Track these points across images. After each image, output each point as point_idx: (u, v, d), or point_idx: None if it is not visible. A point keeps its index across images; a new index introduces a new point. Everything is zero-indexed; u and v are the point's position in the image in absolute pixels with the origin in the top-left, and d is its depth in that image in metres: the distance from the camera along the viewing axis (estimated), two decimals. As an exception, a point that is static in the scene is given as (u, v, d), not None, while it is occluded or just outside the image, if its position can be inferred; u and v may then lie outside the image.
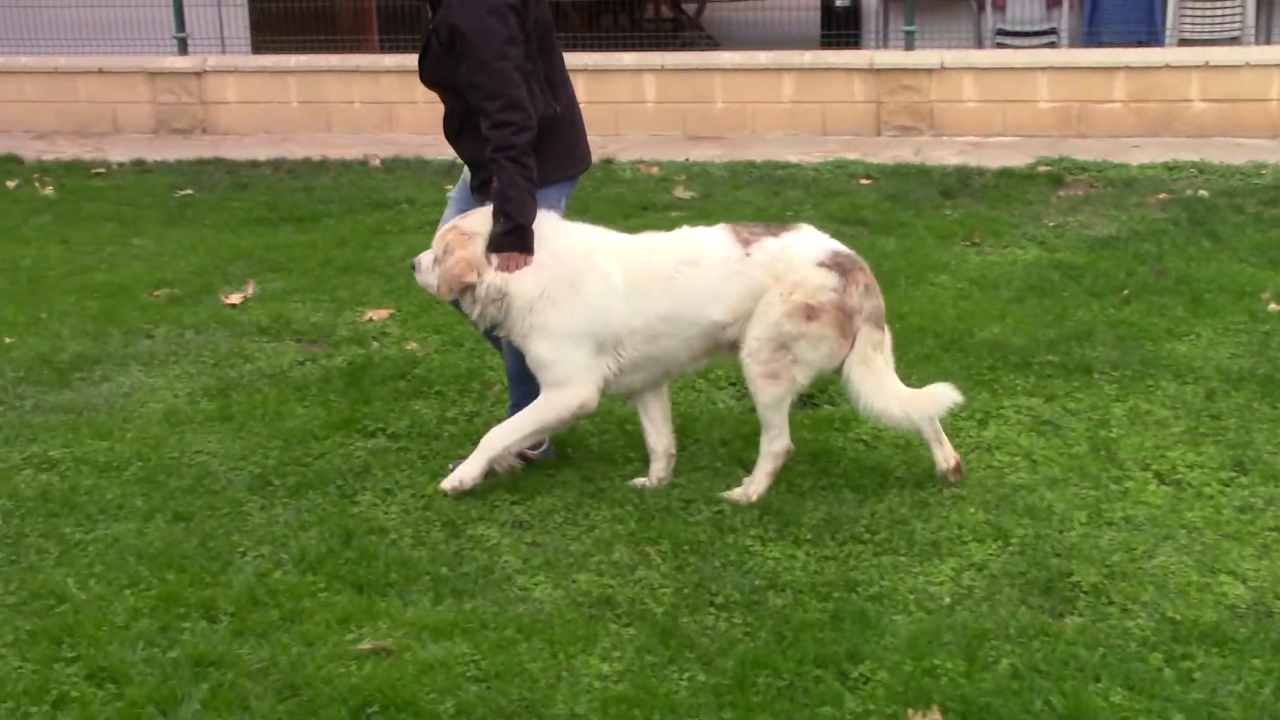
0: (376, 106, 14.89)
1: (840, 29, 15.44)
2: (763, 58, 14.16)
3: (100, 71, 15.45)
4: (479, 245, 5.51)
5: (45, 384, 7.05)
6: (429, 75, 5.86)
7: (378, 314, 8.05)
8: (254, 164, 13.06)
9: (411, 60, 14.45)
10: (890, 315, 7.51)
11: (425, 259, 5.73)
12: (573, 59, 14.16)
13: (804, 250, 5.53)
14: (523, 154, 5.41)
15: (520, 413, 5.70)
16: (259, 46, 16.21)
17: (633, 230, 5.90)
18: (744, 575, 4.93)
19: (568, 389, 5.54)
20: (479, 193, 5.81)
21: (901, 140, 13.34)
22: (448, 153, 12.90)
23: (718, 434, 6.20)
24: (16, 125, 15.30)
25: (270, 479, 5.83)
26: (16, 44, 15.77)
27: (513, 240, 5.47)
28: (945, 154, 12.53)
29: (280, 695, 4.25)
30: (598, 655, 4.46)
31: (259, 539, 5.28)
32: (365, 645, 4.50)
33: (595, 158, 6.31)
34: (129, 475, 5.90)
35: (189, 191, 11.93)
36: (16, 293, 8.77)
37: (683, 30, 19.62)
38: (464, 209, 5.87)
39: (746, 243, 5.51)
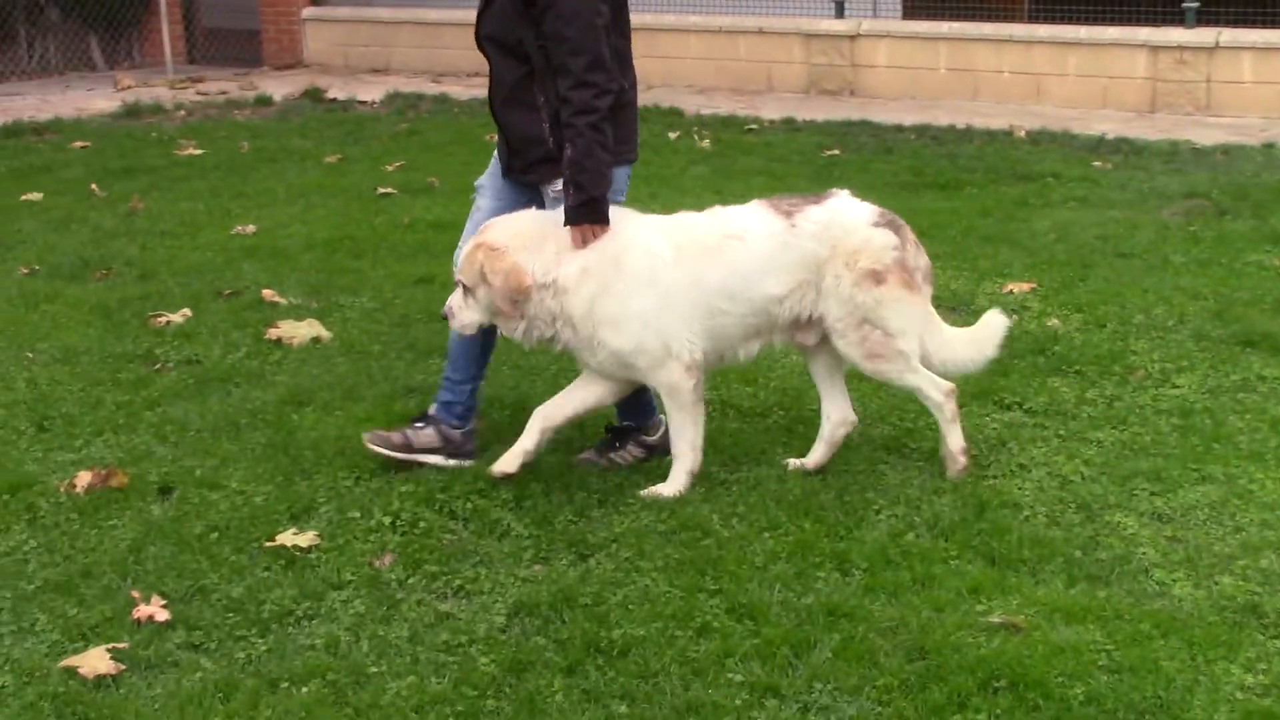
0: (1025, 77, 14.64)
1: None
2: None
3: (760, 32, 15.98)
4: (514, 255, 5.18)
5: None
6: (488, 31, 5.44)
7: (1019, 287, 7.92)
8: (899, 128, 13.15)
9: (1068, 32, 14.40)
10: None
11: (455, 300, 5.38)
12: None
13: (855, 214, 5.38)
14: (603, 120, 5.13)
15: (670, 417, 5.42)
16: (909, 12, 16.28)
17: None
18: None
19: (667, 366, 5.28)
20: (522, 174, 5.49)
21: None
22: (1096, 127, 12.75)
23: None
24: (680, 80, 16.06)
25: (905, 441, 5.88)
26: (686, 5, 16.51)
27: (587, 213, 5.18)
28: None
29: (909, 656, 4.27)
30: (1240, 665, 4.21)
31: (893, 499, 5.33)
32: (995, 619, 4.45)
33: None
34: (770, 423, 6.10)
35: (836, 152, 12.14)
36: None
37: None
38: (498, 198, 5.59)
39: (788, 214, 5.32)
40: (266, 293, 8.10)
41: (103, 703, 4.13)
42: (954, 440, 5.49)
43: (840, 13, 15.77)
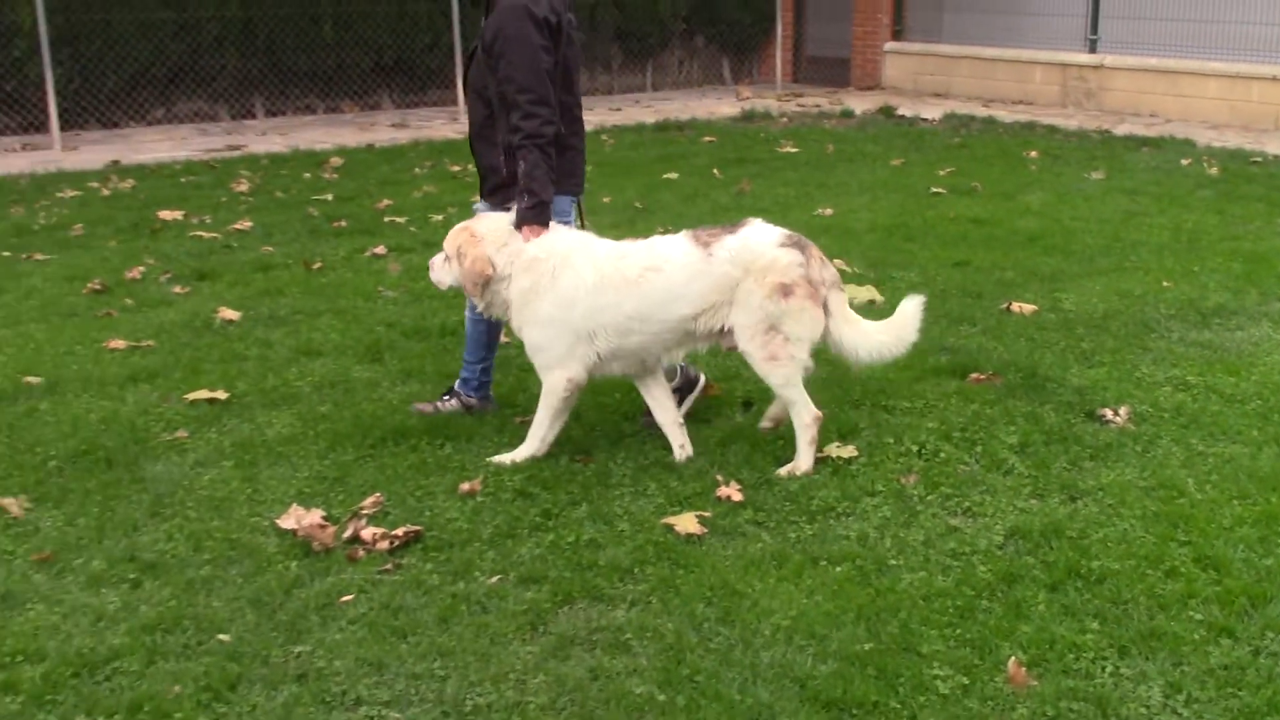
0: None
1: None
2: None
3: (1274, 79, 14.58)
4: (487, 247, 5.05)
5: (1189, 323, 6.87)
6: (469, 82, 5.35)
7: None
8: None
9: None
10: None
11: (436, 260, 5.31)
12: None
13: (763, 238, 4.97)
14: (548, 143, 5.01)
15: (538, 408, 5.16)
16: None
17: None
18: None
19: (554, 373, 5.08)
20: (487, 199, 5.38)
21: None
22: None
23: None
24: (1195, 117, 14.92)
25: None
26: (1208, 53, 15.30)
27: (534, 215, 5.03)
28: None
29: (1357, 623, 3.86)
30: None
31: (1355, 487, 4.80)
32: None
33: None
34: (1249, 409, 5.60)
35: (1332, 185, 10.96)
36: (1176, 248, 8.60)
37: None
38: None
39: (706, 244, 4.97)
40: (836, 261, 8.13)
41: (689, 554, 4.33)
42: (803, 462, 5.02)
43: (1351, 65, 14.20)
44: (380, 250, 8.77)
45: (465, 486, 4.84)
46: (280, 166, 12.41)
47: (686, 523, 4.52)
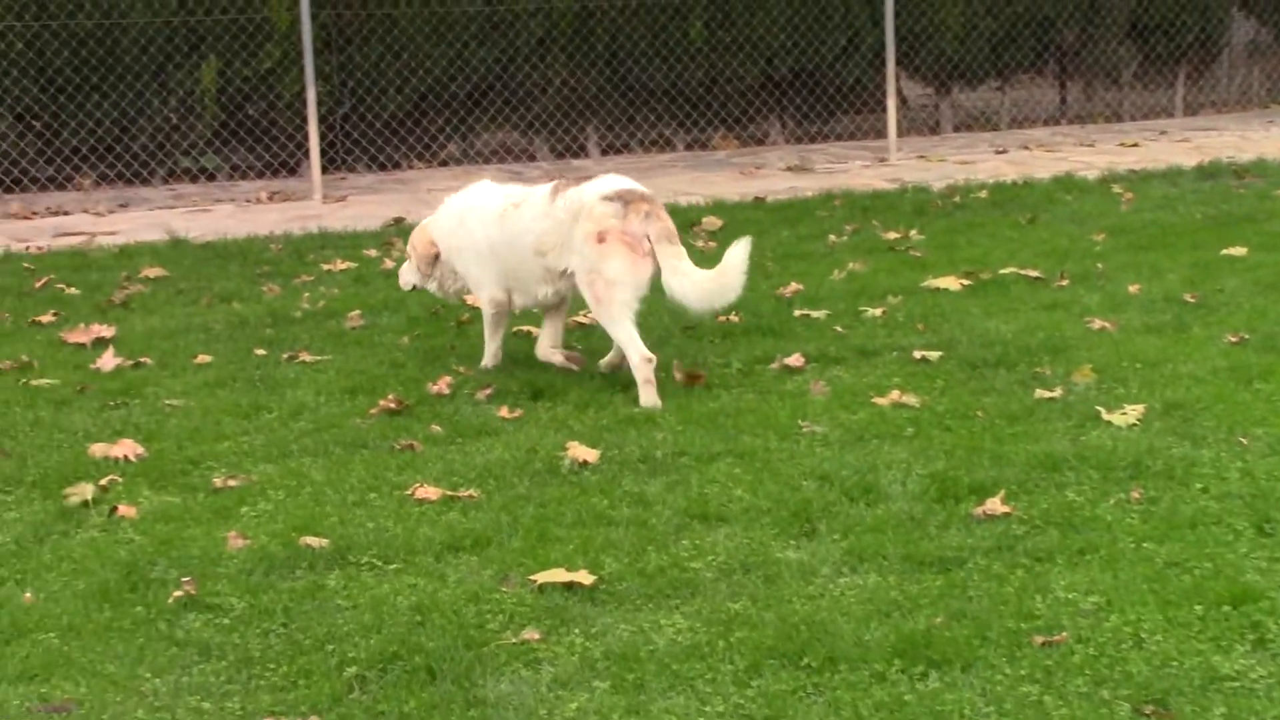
0: None
1: None
2: None
3: None
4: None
5: None
6: None
7: None
8: None
9: None
10: None
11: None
12: None
13: (592, 190, 8.21)
14: None
15: None
16: None
17: None
18: None
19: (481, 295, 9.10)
20: None
21: None
22: None
23: None
24: None
25: None
26: None
27: None
28: None
29: None
30: None
31: None
32: None
33: None
34: None
35: None
36: None
37: None
38: None
39: (556, 192, 8.37)
40: None
41: None
42: (645, 398, 8.13)
43: None
44: (795, 361, 8.85)
45: (968, 743, 4.72)
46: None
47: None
